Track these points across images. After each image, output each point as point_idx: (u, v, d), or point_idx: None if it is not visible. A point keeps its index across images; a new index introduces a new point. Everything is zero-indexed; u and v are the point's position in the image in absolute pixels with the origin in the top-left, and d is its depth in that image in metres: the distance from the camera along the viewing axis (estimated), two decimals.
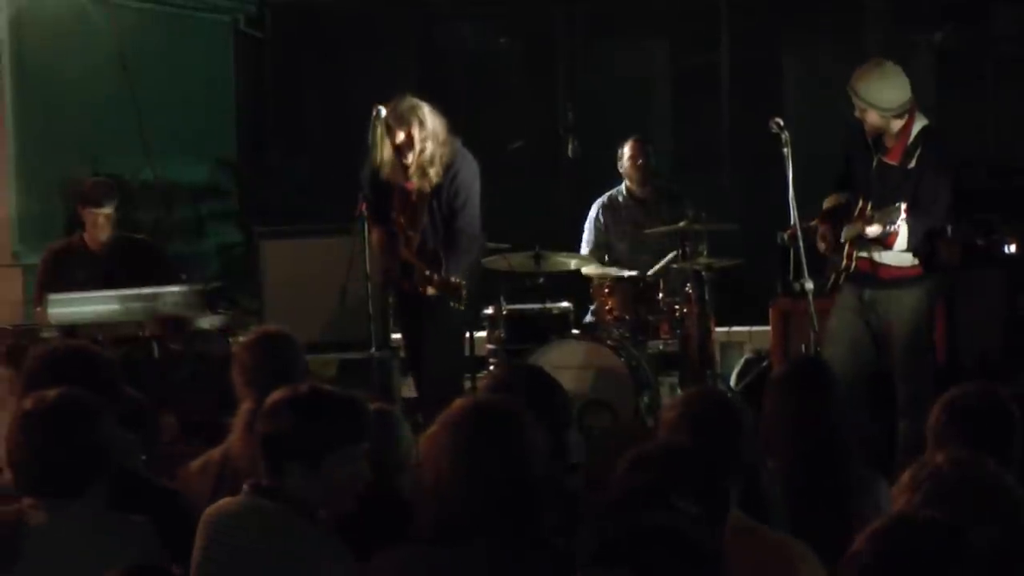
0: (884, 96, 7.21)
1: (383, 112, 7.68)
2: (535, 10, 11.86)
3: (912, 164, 7.24)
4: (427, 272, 7.48)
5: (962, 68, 11.22)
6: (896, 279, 7.29)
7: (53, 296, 7.73)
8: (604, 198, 9.41)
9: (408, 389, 8.76)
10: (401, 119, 7.65)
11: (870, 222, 7.03)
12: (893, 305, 7.29)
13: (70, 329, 7.48)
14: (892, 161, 7.29)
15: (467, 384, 8.45)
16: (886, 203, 7.10)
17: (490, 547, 3.46)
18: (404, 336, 8.14)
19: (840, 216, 7.34)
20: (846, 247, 7.27)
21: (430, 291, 7.47)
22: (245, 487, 3.95)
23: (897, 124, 7.27)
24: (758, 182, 10.01)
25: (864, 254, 7.27)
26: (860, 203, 7.23)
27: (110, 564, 3.25)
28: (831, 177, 7.54)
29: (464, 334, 8.21)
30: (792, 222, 7.11)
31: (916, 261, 7.31)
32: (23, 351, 7.45)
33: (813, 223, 7.26)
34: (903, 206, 6.86)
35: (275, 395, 4.02)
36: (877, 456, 7.14)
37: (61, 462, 3.84)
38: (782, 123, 7.19)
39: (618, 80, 11.86)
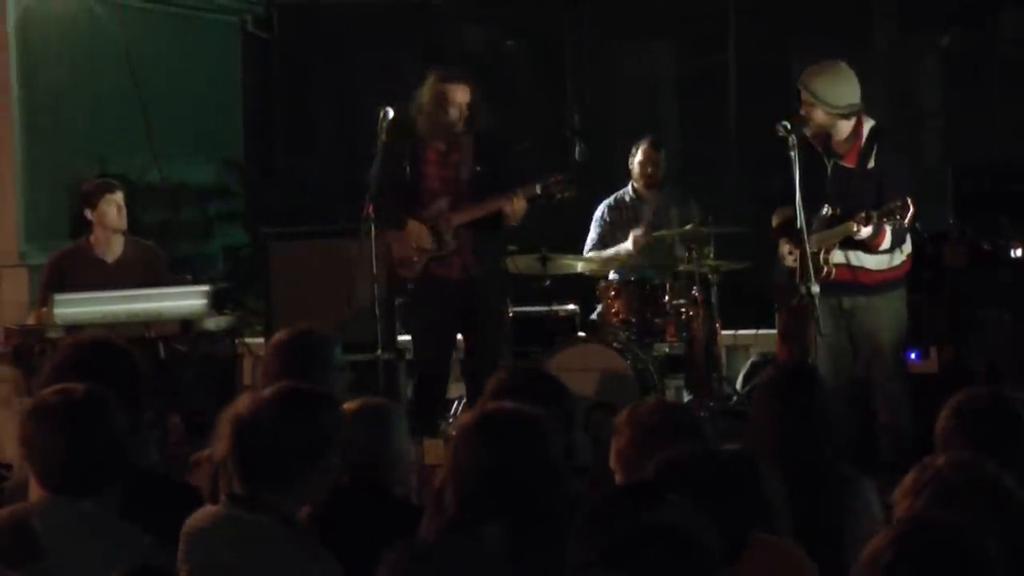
0: (834, 94, 7.21)
1: (390, 113, 7.71)
2: (542, 12, 11.85)
3: (872, 164, 7.25)
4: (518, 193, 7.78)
5: (968, 71, 11.22)
6: (878, 284, 7.29)
7: (59, 296, 7.72)
8: (611, 199, 9.39)
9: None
10: (463, 77, 7.95)
11: (866, 223, 7.01)
12: (877, 312, 7.30)
13: (76, 329, 7.47)
14: (849, 164, 7.29)
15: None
16: (850, 206, 7.10)
17: (505, 538, 3.50)
18: (442, 334, 8.07)
19: (795, 230, 7.30)
20: (820, 254, 7.21)
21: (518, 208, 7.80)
22: (223, 497, 3.85)
23: (844, 126, 7.27)
24: (765, 185, 10.00)
25: (840, 260, 7.25)
26: (828, 210, 7.19)
27: (116, 565, 3.24)
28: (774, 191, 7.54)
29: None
30: (799, 225, 7.09)
31: (895, 263, 7.31)
32: (29, 351, 7.48)
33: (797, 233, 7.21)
34: (909, 200, 6.87)
35: (249, 403, 3.88)
36: (858, 460, 7.17)
37: (85, 459, 3.79)
38: (789, 126, 7.18)
39: (625, 83, 11.86)
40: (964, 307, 8.66)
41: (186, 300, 7.90)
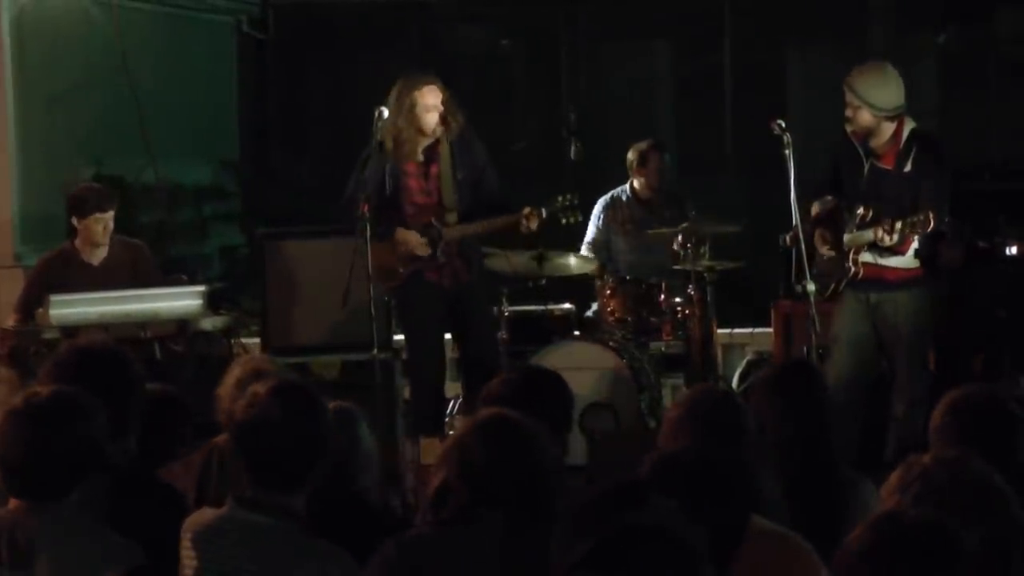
0: (880, 96, 7.21)
1: (385, 113, 7.70)
2: (538, 12, 11.85)
3: (908, 167, 7.24)
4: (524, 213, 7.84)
5: (965, 70, 11.22)
6: (903, 280, 7.31)
7: (55, 297, 7.71)
8: (607, 197, 9.41)
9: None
10: (432, 81, 7.90)
11: (891, 232, 7.02)
12: (901, 307, 7.32)
13: (72, 331, 7.46)
14: (886, 166, 7.29)
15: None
16: (885, 207, 7.10)
17: (498, 530, 3.56)
18: (435, 334, 8.11)
19: (833, 221, 7.32)
20: (850, 253, 7.26)
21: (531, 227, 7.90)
22: (230, 499, 3.87)
23: (888, 127, 7.26)
24: (760, 184, 10.00)
25: (869, 259, 7.27)
26: (862, 210, 7.22)
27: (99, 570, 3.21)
28: (813, 182, 7.55)
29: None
30: (794, 224, 7.10)
31: (919, 262, 7.33)
32: (25, 353, 7.46)
33: (793, 232, 7.20)
34: (931, 215, 6.87)
35: (249, 404, 3.88)
36: (869, 457, 7.20)
37: (45, 463, 3.74)
38: (784, 124, 7.18)
39: (621, 82, 11.86)
40: (960, 305, 8.66)
41: (182, 300, 7.89)
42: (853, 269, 7.27)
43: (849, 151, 7.32)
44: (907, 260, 7.30)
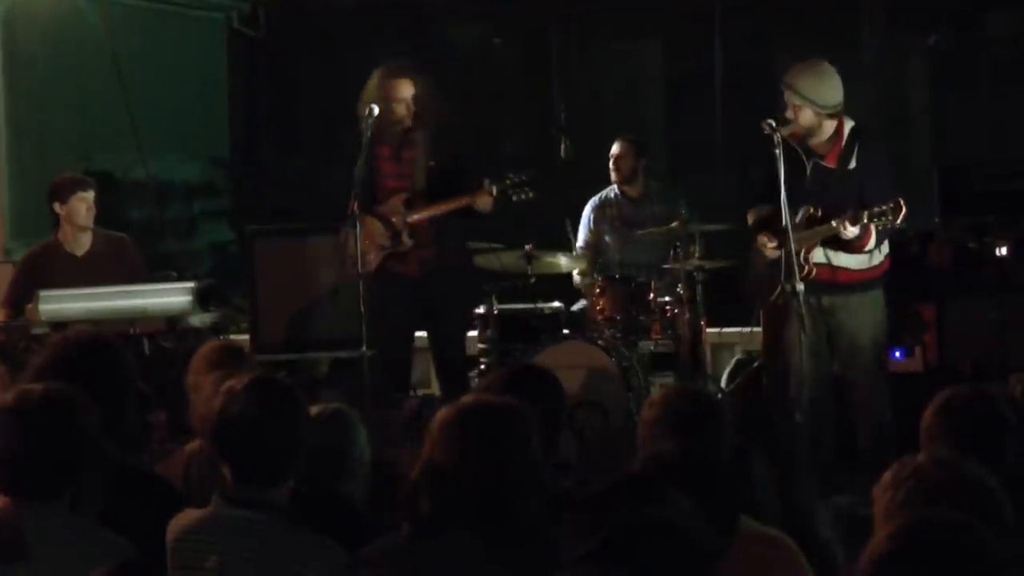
0: (822, 94, 7.19)
1: (375, 111, 7.71)
2: (530, 11, 11.85)
3: (852, 164, 7.23)
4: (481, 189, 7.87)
5: (956, 71, 11.23)
6: (856, 283, 7.29)
7: (44, 293, 7.71)
8: (597, 197, 9.42)
9: None
10: (408, 71, 8.00)
11: (853, 223, 6.99)
12: (855, 310, 7.29)
13: (61, 326, 7.45)
14: (830, 164, 7.27)
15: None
16: (831, 206, 7.08)
17: (478, 539, 3.45)
18: (398, 328, 8.07)
19: (775, 226, 7.27)
20: (801, 255, 7.18)
21: (483, 203, 7.90)
22: (215, 497, 3.85)
23: (829, 126, 7.24)
24: (751, 183, 10.00)
25: (821, 260, 7.25)
26: (809, 210, 7.17)
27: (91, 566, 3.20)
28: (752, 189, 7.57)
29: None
30: (783, 223, 7.08)
31: (874, 262, 7.30)
32: (14, 348, 7.46)
33: (782, 232, 7.16)
34: (902, 201, 6.85)
35: (227, 401, 3.86)
36: (842, 456, 7.21)
37: (38, 461, 3.73)
38: (774, 124, 7.16)
39: (612, 81, 11.86)
40: (949, 306, 8.67)
41: (171, 297, 7.89)
42: (806, 268, 7.21)
43: (789, 153, 7.21)
44: (860, 260, 7.26)
